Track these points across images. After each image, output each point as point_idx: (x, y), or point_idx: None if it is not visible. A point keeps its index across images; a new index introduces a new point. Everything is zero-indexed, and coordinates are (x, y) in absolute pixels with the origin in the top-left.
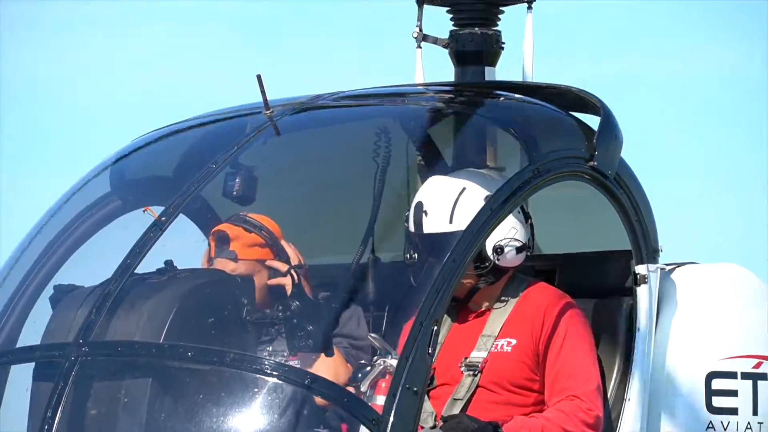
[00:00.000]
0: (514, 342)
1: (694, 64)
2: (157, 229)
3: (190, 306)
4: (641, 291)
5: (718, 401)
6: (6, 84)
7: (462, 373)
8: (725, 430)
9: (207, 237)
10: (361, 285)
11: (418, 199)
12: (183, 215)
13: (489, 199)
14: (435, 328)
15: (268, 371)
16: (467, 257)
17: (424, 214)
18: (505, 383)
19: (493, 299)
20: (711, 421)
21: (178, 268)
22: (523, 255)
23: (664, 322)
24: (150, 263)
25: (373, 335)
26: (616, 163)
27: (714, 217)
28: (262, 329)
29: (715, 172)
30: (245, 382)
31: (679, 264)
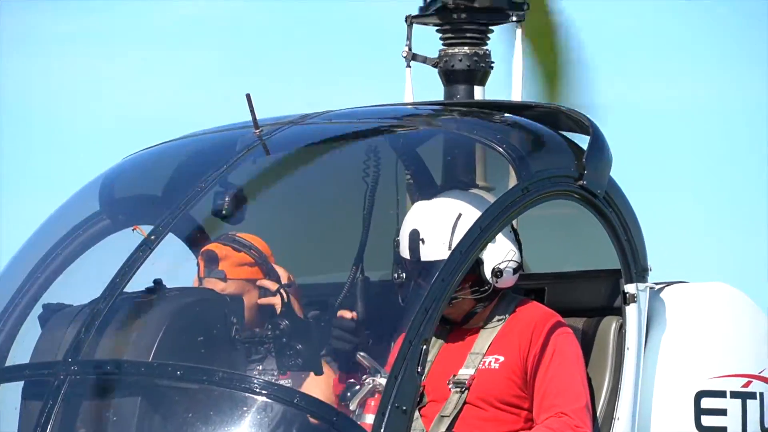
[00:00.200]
0: (502, 359)
1: (683, 86)
2: (146, 248)
3: (179, 325)
4: (630, 310)
5: (708, 420)
6: None
7: (450, 391)
8: None
9: (196, 256)
10: (351, 304)
11: (411, 226)
12: (172, 234)
13: (477, 219)
14: (424, 347)
15: (258, 390)
16: (456, 277)
17: (421, 242)
18: (493, 400)
19: (483, 318)
20: None
21: (167, 287)
22: (518, 275)
23: (653, 341)
24: (139, 282)
25: (361, 354)
26: (606, 182)
27: (704, 237)
28: (252, 348)
29: (704, 192)
30: (234, 400)
31: (668, 283)
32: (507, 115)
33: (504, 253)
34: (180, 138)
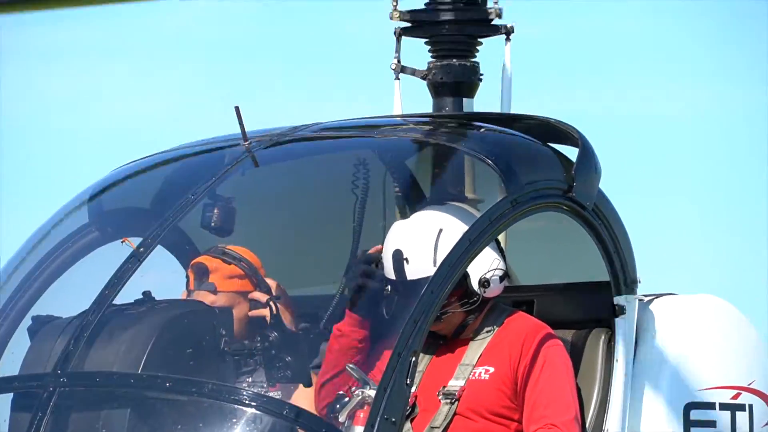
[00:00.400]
0: (492, 370)
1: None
2: (135, 260)
3: (168, 337)
4: (620, 322)
5: None
6: None
7: (440, 402)
8: None
9: (185, 269)
10: (341, 316)
11: (394, 247)
12: (161, 246)
13: (466, 231)
14: (413, 358)
15: (247, 402)
16: (445, 289)
17: (405, 262)
18: (483, 411)
19: (473, 329)
20: None
21: (156, 299)
22: (505, 283)
23: (642, 353)
24: (128, 294)
25: (350, 366)
26: (595, 195)
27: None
28: (241, 360)
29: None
30: (224, 412)
31: (657, 295)
32: (496, 127)
33: (489, 263)
34: (169, 150)
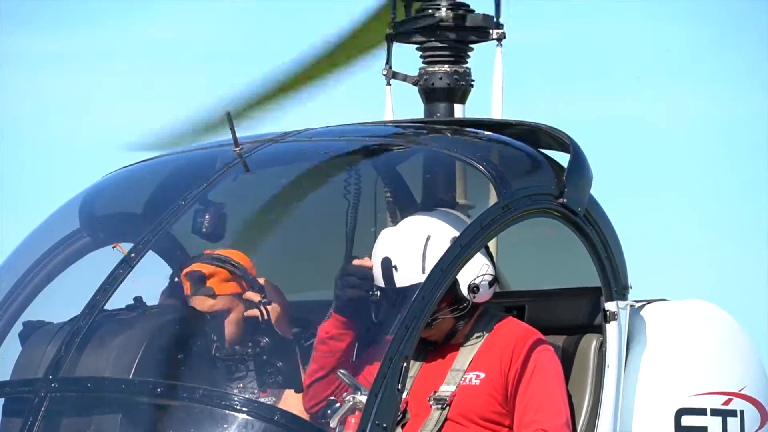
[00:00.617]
0: (482, 375)
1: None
2: (126, 265)
3: (159, 342)
4: (611, 328)
5: None
6: None
7: (431, 407)
8: None
9: (176, 274)
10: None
11: (382, 255)
12: (152, 252)
13: (458, 237)
14: (404, 364)
15: (238, 407)
16: (436, 294)
17: (394, 270)
18: (474, 417)
19: (464, 335)
20: None
21: (147, 304)
22: (494, 288)
23: (633, 358)
24: (119, 300)
25: (341, 372)
26: (586, 200)
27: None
28: (232, 365)
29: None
30: (215, 418)
31: (648, 301)
32: (487, 133)
33: (478, 268)
34: (160, 156)
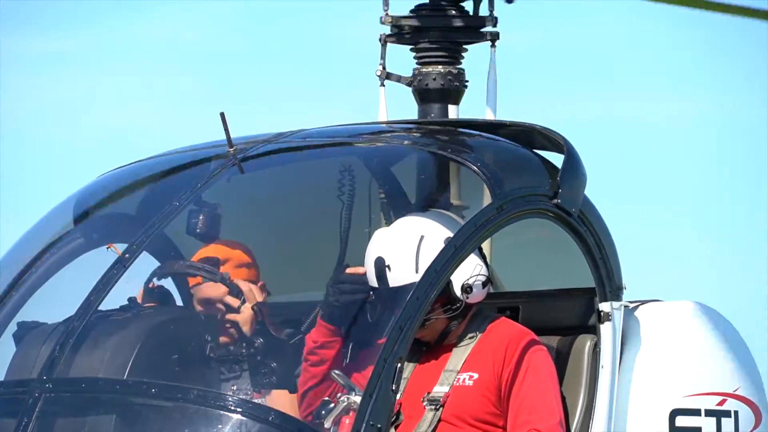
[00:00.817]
0: (476, 376)
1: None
2: (120, 266)
3: (153, 343)
4: (605, 328)
5: None
6: None
7: (424, 408)
8: None
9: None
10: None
11: (375, 254)
12: (146, 253)
13: (452, 237)
14: (399, 365)
15: (232, 408)
16: (431, 295)
17: (387, 269)
18: (468, 417)
19: (457, 335)
20: None
21: (142, 305)
22: (488, 289)
23: (627, 359)
24: (113, 300)
25: (336, 372)
26: (580, 201)
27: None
28: (227, 366)
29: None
30: (209, 418)
31: (642, 301)
32: (481, 133)
33: (471, 269)
34: (154, 157)
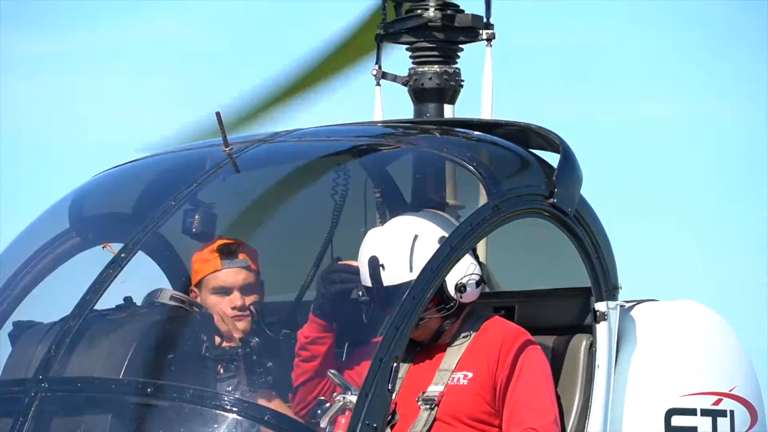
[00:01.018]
0: (470, 375)
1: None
2: (116, 265)
3: (149, 342)
4: (601, 328)
5: None
6: None
7: (419, 408)
8: None
9: (166, 274)
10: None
11: (369, 254)
12: (142, 252)
13: (448, 237)
14: (395, 364)
15: (228, 407)
16: (427, 294)
17: (381, 268)
18: (463, 417)
19: (451, 335)
20: None
21: (138, 304)
22: (481, 288)
23: (623, 359)
24: (109, 300)
25: (332, 371)
26: (576, 201)
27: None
28: (223, 365)
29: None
30: (205, 418)
31: (638, 301)
32: (477, 133)
33: (465, 268)
34: (150, 156)
